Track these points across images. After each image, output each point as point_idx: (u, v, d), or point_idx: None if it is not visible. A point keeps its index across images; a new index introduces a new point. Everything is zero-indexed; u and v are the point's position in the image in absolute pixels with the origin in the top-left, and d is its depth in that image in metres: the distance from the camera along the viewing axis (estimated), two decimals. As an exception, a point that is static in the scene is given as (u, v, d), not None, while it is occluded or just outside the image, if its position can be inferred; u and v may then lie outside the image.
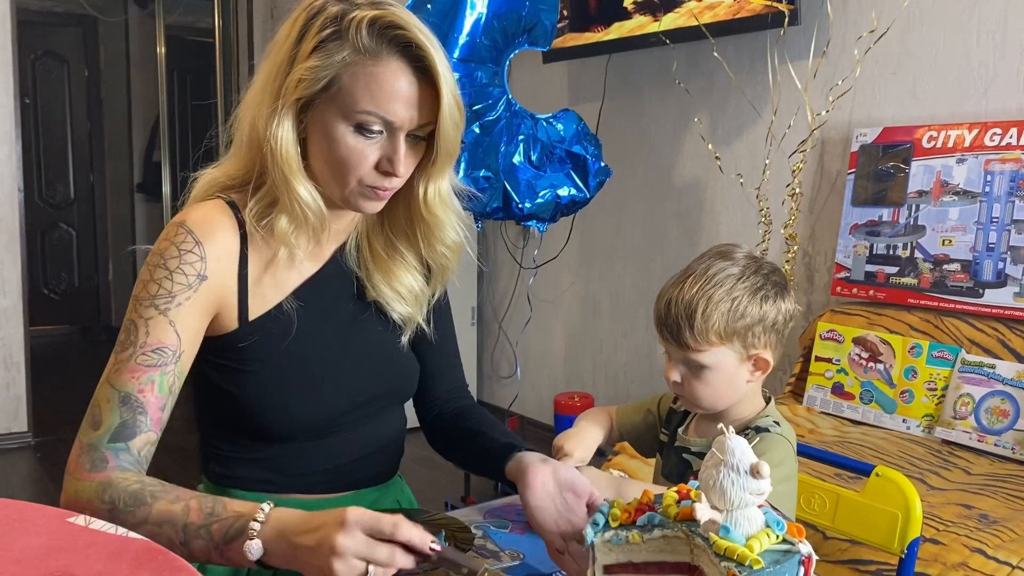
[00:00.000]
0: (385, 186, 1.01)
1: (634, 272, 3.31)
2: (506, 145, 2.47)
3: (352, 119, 0.97)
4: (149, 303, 0.98)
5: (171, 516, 0.90)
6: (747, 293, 1.09)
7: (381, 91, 0.96)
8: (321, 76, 0.96)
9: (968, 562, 1.44)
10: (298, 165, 1.00)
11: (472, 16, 2.40)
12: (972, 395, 2.00)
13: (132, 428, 0.96)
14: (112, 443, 0.95)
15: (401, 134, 0.98)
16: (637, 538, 0.83)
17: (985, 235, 2.12)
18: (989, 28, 2.23)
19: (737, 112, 2.84)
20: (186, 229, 1.01)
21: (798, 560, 0.80)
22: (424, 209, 1.07)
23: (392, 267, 1.12)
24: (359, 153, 0.98)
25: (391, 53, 0.96)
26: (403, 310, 1.14)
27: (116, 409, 0.96)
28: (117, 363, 0.98)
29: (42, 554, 0.80)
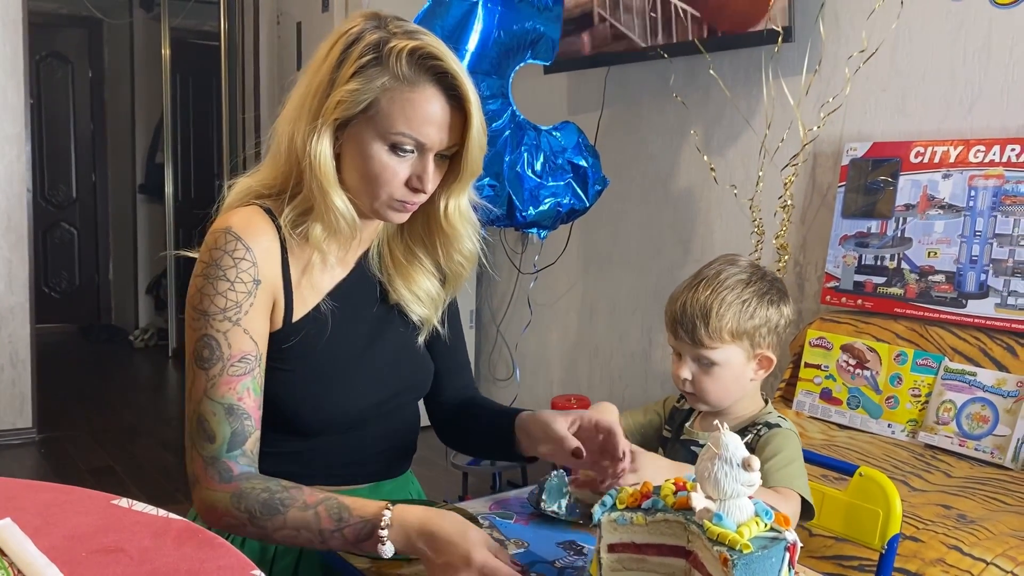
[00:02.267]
0: (413, 200, 1.09)
1: (630, 278, 3.38)
2: (510, 155, 2.55)
3: (388, 139, 1.05)
4: (222, 317, 1.05)
5: (306, 522, 1.00)
6: (755, 296, 1.20)
7: (416, 115, 1.04)
8: (361, 99, 1.04)
9: (945, 558, 1.51)
10: (335, 178, 1.07)
11: (479, 30, 2.48)
12: (954, 402, 2.08)
13: (242, 434, 1.05)
14: (230, 452, 1.05)
15: (431, 154, 1.07)
16: (641, 520, 0.92)
17: (968, 248, 2.21)
18: (975, 48, 2.32)
19: (732, 125, 2.92)
20: (233, 235, 1.07)
21: (784, 546, 0.87)
22: (444, 222, 1.15)
23: (411, 272, 1.20)
24: (392, 170, 1.06)
25: (427, 81, 1.04)
26: (421, 311, 1.22)
27: (224, 421, 1.04)
28: (210, 378, 1.05)
29: (92, 532, 0.87)
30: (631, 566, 0.93)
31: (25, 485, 0.97)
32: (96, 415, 4.23)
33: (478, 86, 2.54)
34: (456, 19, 2.46)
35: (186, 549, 0.84)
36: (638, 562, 0.92)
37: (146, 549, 0.83)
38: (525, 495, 1.33)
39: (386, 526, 0.97)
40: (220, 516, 1.02)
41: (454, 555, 0.94)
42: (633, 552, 0.92)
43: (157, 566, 0.80)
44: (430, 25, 2.48)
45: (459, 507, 1.23)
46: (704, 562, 0.88)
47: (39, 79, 5.85)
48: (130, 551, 0.83)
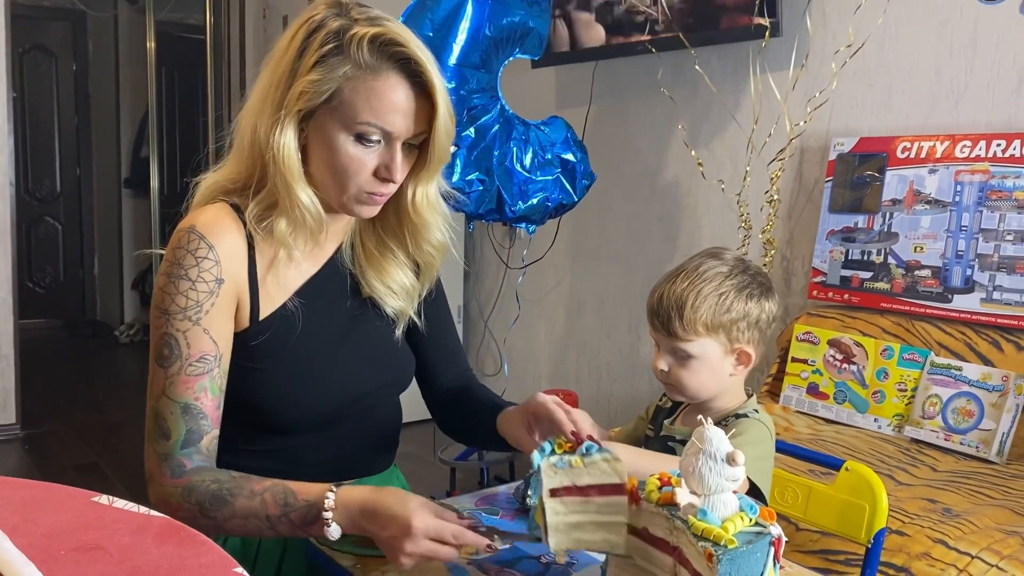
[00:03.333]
0: (382, 191, 1.08)
1: (618, 273, 3.38)
2: (499, 149, 2.54)
3: (353, 129, 1.03)
4: (182, 316, 1.05)
5: (253, 511, 1.02)
6: (734, 290, 1.18)
7: (381, 104, 1.02)
8: (323, 89, 1.02)
9: (931, 552, 1.52)
10: (299, 171, 1.05)
11: (468, 24, 2.47)
12: (940, 396, 2.08)
13: (198, 432, 1.06)
14: (184, 449, 1.06)
15: (398, 143, 1.05)
16: (579, 462, 0.93)
17: (954, 243, 2.21)
18: (961, 44, 2.33)
19: (719, 120, 2.92)
20: (197, 234, 1.06)
21: (768, 541, 0.87)
22: (412, 211, 1.13)
23: (384, 264, 1.19)
24: (359, 161, 1.04)
25: (390, 68, 1.02)
26: (396, 304, 1.20)
27: (180, 419, 1.05)
28: (168, 377, 1.05)
29: (71, 529, 0.86)
30: (575, 508, 0.93)
31: (2, 482, 0.96)
32: (81, 411, 4.21)
33: (468, 79, 2.55)
34: (445, 13, 2.45)
35: (167, 547, 0.83)
36: (582, 504, 0.93)
37: (126, 547, 0.82)
38: (512, 491, 1.33)
39: (330, 508, 0.98)
40: (173, 510, 1.02)
41: (397, 527, 0.95)
42: (576, 495, 0.93)
43: (137, 564, 0.79)
44: (420, 19, 2.47)
45: (445, 503, 1.23)
46: (689, 558, 0.88)
47: (22, 72, 5.80)
48: (110, 549, 0.82)
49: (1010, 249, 2.10)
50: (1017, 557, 1.48)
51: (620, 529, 0.92)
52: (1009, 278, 2.10)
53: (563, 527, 0.93)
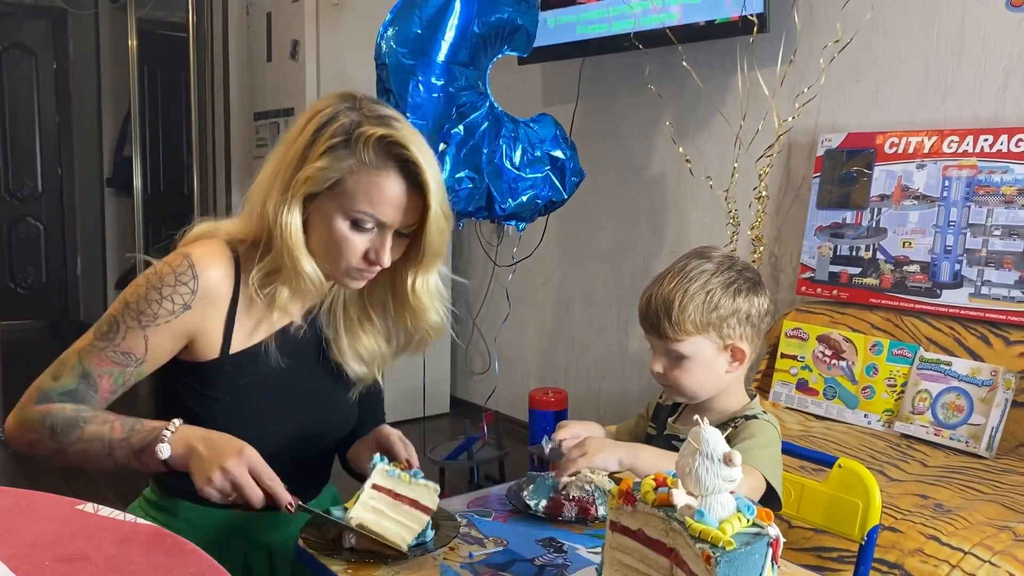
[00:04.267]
0: (369, 272, 1.17)
1: (606, 270, 3.38)
2: (489, 147, 2.53)
3: (350, 215, 1.12)
4: (135, 315, 1.14)
5: (100, 435, 1.09)
6: (720, 287, 1.18)
7: (379, 197, 1.11)
8: (328, 177, 1.11)
9: (923, 548, 1.52)
10: (303, 245, 1.14)
11: (456, 21, 2.45)
12: (929, 391, 2.09)
13: (82, 396, 1.14)
14: (61, 397, 1.14)
15: (389, 232, 1.14)
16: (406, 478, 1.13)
17: (943, 238, 2.22)
18: (948, 40, 2.33)
19: (707, 116, 2.92)
20: (189, 261, 1.15)
21: (766, 542, 0.86)
22: (412, 296, 1.22)
23: (360, 331, 1.27)
24: (352, 243, 1.14)
25: (392, 167, 1.11)
26: (359, 369, 1.28)
27: (76, 377, 1.14)
28: (92, 346, 1.15)
29: (55, 539, 0.84)
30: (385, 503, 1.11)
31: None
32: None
33: (456, 76, 2.53)
34: (434, 9, 2.43)
35: (154, 556, 0.81)
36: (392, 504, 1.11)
37: (112, 556, 0.81)
38: (504, 493, 1.32)
39: (171, 431, 1.07)
40: (24, 432, 1.12)
41: (227, 447, 1.05)
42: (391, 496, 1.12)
43: (124, 574, 0.77)
44: (408, 15, 2.44)
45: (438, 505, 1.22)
46: (686, 560, 0.87)
47: (2, 71, 5.73)
48: (95, 559, 0.80)
49: (998, 244, 2.11)
50: (1009, 552, 1.48)
51: (411, 533, 1.08)
52: (997, 273, 2.10)
53: (368, 507, 1.09)
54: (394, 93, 2.44)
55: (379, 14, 2.58)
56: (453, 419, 3.97)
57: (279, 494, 1.07)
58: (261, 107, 3.94)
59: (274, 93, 3.82)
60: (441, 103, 2.46)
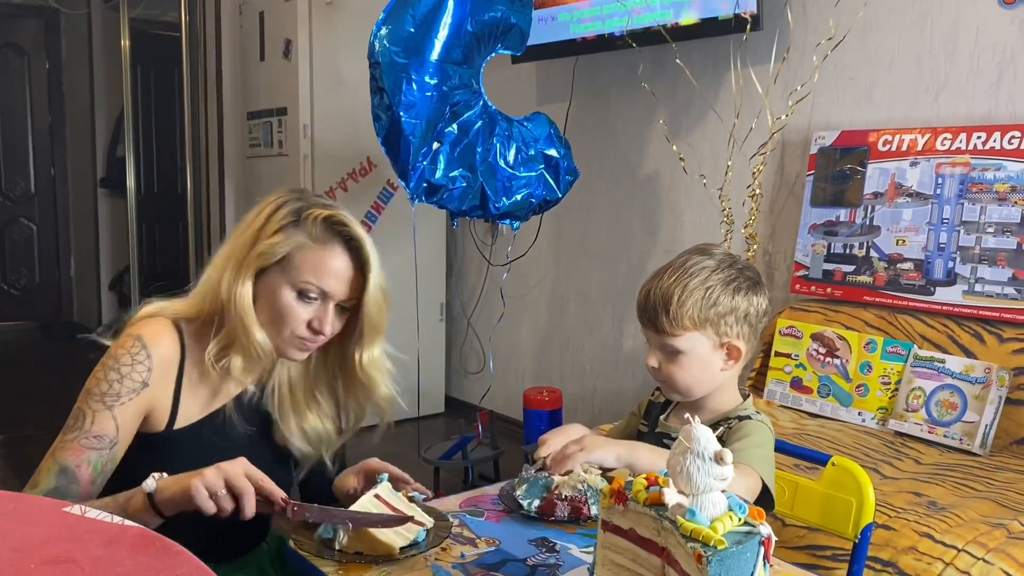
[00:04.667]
0: (312, 341, 1.24)
1: (600, 269, 3.37)
2: (483, 145, 2.52)
3: (296, 286, 1.22)
4: (99, 398, 1.18)
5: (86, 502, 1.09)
6: (720, 284, 1.18)
7: (323, 269, 1.22)
8: (278, 251, 1.22)
9: (917, 546, 1.52)
10: (254, 316, 1.23)
11: (450, 19, 2.44)
12: (923, 389, 2.09)
13: (64, 491, 1.14)
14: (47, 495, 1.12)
15: (331, 303, 1.23)
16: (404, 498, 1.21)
17: (936, 235, 2.22)
18: (940, 37, 2.33)
19: (700, 114, 2.91)
20: (141, 343, 1.22)
21: (758, 540, 0.86)
22: (361, 372, 1.30)
23: (307, 412, 1.34)
24: (297, 313, 1.23)
25: (336, 243, 1.23)
26: (304, 448, 1.33)
27: (54, 477, 1.15)
28: (63, 442, 1.17)
29: (42, 542, 0.83)
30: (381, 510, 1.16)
31: (-30, 493, 0.93)
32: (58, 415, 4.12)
33: (450, 75, 2.52)
34: (427, 8, 2.43)
35: (142, 558, 0.80)
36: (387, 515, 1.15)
37: (99, 559, 0.80)
38: (496, 493, 1.31)
39: (157, 477, 1.10)
40: None
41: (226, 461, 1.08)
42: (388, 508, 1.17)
43: (110, 576, 0.76)
44: (401, 14, 2.44)
45: (428, 506, 1.21)
46: (678, 559, 0.87)
47: (-6, 71, 5.70)
48: (82, 562, 0.79)
49: (991, 241, 2.11)
50: (1003, 550, 1.48)
51: (402, 540, 1.10)
52: (990, 270, 2.10)
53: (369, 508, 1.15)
54: (387, 92, 2.43)
55: (372, 13, 2.57)
56: (448, 419, 3.96)
57: (272, 491, 1.09)
58: (254, 107, 3.93)
59: (267, 93, 3.80)
60: (435, 102, 2.45)
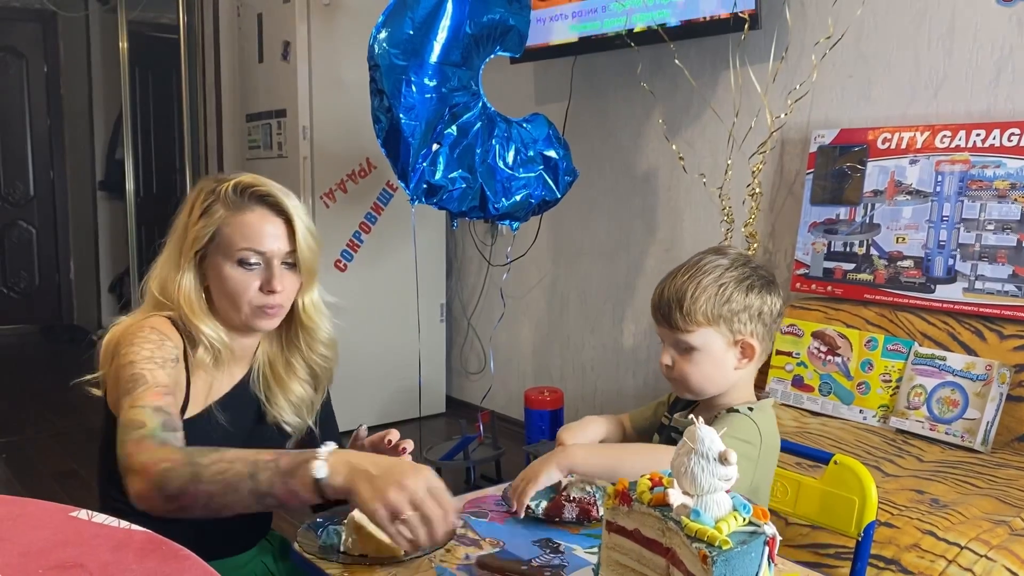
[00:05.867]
0: (271, 303, 1.27)
1: (601, 269, 3.37)
2: (482, 147, 2.52)
3: (234, 257, 1.25)
4: (147, 361, 1.17)
5: (242, 456, 1.03)
6: (733, 281, 1.19)
7: (251, 231, 1.25)
8: (207, 232, 1.26)
9: (920, 544, 1.52)
10: (201, 308, 1.27)
11: (449, 21, 2.45)
12: (924, 386, 2.09)
13: (172, 425, 1.10)
14: (164, 432, 1.08)
15: (275, 261, 1.26)
16: None
17: (936, 233, 2.22)
18: (938, 35, 2.33)
19: (700, 114, 2.92)
20: (158, 331, 1.23)
21: (763, 540, 0.86)
22: (304, 316, 1.34)
23: (288, 381, 1.37)
24: (244, 282, 1.26)
25: (254, 204, 1.27)
26: (293, 420, 1.38)
27: (152, 415, 1.09)
28: (136, 396, 1.11)
29: (49, 547, 0.83)
30: None
31: (-23, 499, 0.93)
32: (59, 417, 4.14)
33: (449, 76, 2.52)
34: (426, 11, 2.43)
35: (149, 563, 0.80)
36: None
37: (106, 564, 0.80)
38: (500, 493, 1.31)
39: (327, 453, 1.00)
40: (156, 463, 1.01)
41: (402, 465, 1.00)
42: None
43: (118, 581, 0.77)
44: (400, 17, 2.44)
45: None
46: (683, 559, 0.87)
47: (-8, 74, 5.70)
48: (89, 567, 0.79)
49: (991, 238, 2.11)
50: (1005, 547, 1.48)
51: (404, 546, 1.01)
52: (991, 267, 2.10)
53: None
54: (387, 94, 2.43)
55: (370, 14, 2.57)
56: (449, 419, 3.96)
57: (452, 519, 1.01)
58: (253, 108, 3.93)
59: (266, 94, 3.81)
60: (434, 104, 2.46)
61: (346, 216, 3.66)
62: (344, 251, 3.67)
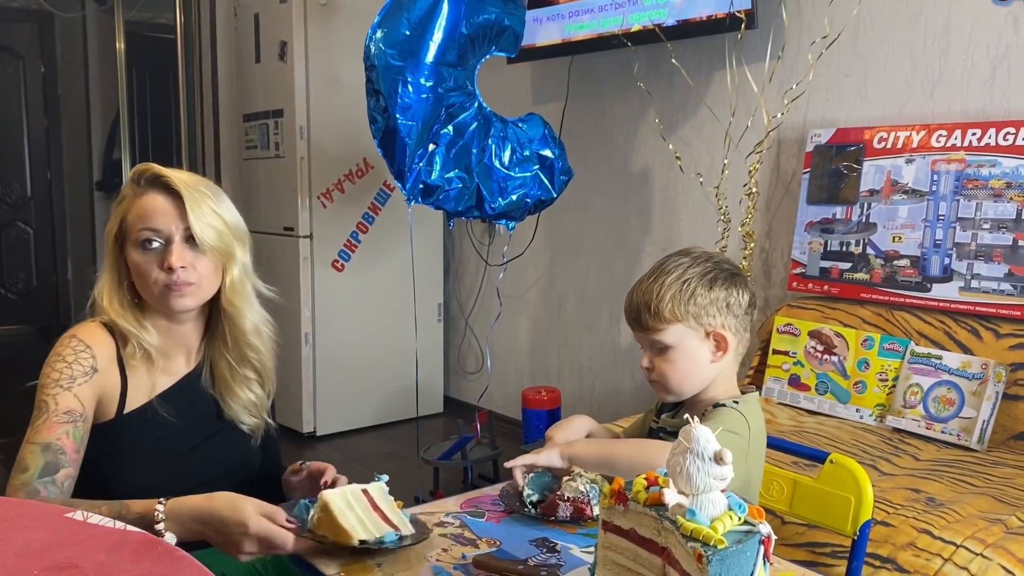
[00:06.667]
0: (173, 281, 1.27)
1: (598, 268, 3.38)
2: (478, 146, 2.52)
3: (136, 240, 1.28)
4: (54, 385, 1.23)
5: (110, 508, 1.11)
6: (696, 277, 1.22)
7: (147, 212, 1.28)
8: (116, 222, 1.31)
9: (916, 542, 1.52)
10: (121, 303, 1.31)
11: (444, 22, 2.45)
12: (921, 385, 2.09)
13: (55, 465, 1.18)
14: (40, 479, 1.17)
15: (175, 240, 1.28)
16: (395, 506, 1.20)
17: (932, 232, 2.22)
18: (934, 34, 2.33)
19: (697, 113, 2.92)
20: (77, 340, 1.28)
21: (758, 540, 0.86)
22: (225, 302, 1.34)
23: (234, 387, 1.39)
24: (146, 263, 1.28)
25: (148, 188, 1.30)
26: (250, 421, 1.41)
27: (40, 455, 1.18)
28: (35, 429, 1.21)
29: (45, 547, 0.83)
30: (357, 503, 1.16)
31: (-27, 500, 0.93)
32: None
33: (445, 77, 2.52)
34: (422, 11, 2.43)
35: (144, 563, 0.81)
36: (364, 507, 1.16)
37: (102, 564, 0.80)
38: (497, 493, 1.31)
39: (160, 520, 1.11)
40: None
41: (232, 531, 1.09)
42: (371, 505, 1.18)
43: (114, 582, 0.77)
44: (396, 17, 2.44)
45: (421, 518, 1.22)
46: (679, 559, 0.87)
47: (-11, 75, 5.69)
48: (85, 567, 0.79)
49: (987, 237, 2.12)
50: (1001, 545, 1.48)
51: (367, 534, 1.10)
52: (986, 266, 2.11)
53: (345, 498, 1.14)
54: (384, 94, 2.44)
55: (367, 14, 2.58)
56: (446, 419, 3.96)
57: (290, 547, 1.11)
58: (250, 108, 3.93)
59: (263, 94, 3.80)
60: (430, 104, 2.46)
61: (343, 216, 3.66)
62: (342, 251, 3.67)
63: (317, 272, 3.60)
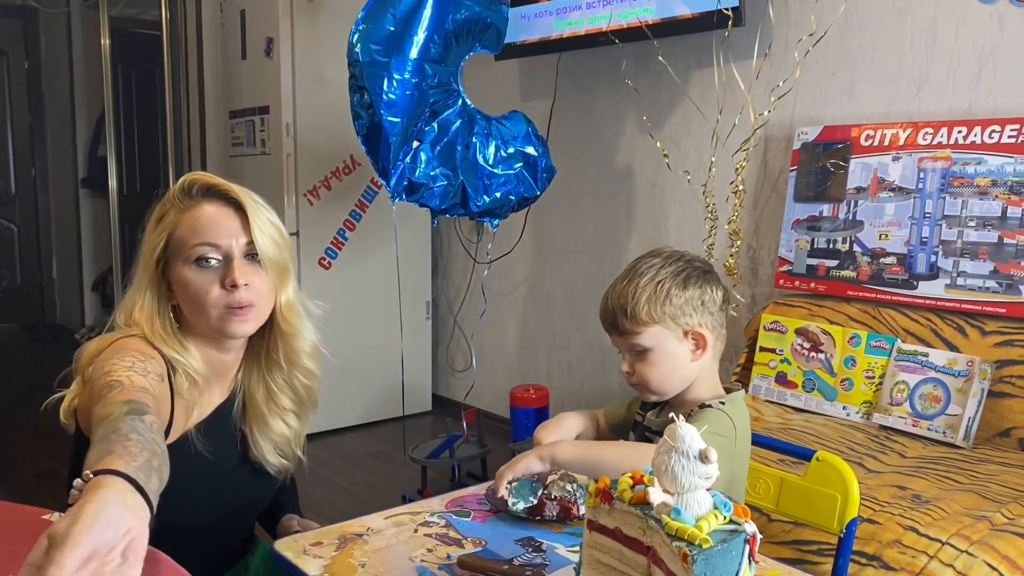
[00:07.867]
0: (236, 301, 1.16)
1: (586, 266, 3.37)
2: (462, 144, 2.51)
3: (190, 257, 1.16)
4: (127, 370, 1.04)
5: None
6: (670, 277, 1.22)
7: (202, 225, 1.17)
8: (161, 239, 1.18)
9: (902, 539, 1.53)
10: (166, 328, 1.17)
11: (428, 18, 2.44)
12: (907, 382, 2.10)
13: (141, 408, 0.97)
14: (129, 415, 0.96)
15: (235, 255, 1.17)
16: None
17: (919, 230, 2.23)
18: (921, 32, 2.34)
19: (684, 111, 2.92)
20: (137, 350, 1.12)
21: (743, 539, 0.86)
22: (282, 321, 1.23)
23: (268, 418, 1.28)
24: (205, 282, 1.16)
25: (201, 199, 1.19)
26: (277, 462, 1.31)
27: (121, 405, 0.96)
28: (107, 400, 0.97)
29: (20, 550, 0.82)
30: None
31: (-52, 502, 0.92)
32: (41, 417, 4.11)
33: (429, 73, 2.51)
34: (407, 7, 2.42)
35: (123, 565, 0.79)
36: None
37: (79, 567, 0.78)
38: (482, 492, 1.31)
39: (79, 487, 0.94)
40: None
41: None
42: None
43: (91, 585, 0.75)
44: (381, 13, 2.43)
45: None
46: (664, 558, 0.87)
47: (-28, 72, 5.64)
48: (61, 570, 0.78)
49: (973, 235, 2.12)
50: (986, 542, 1.49)
51: None
52: (972, 264, 2.11)
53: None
54: (368, 91, 2.42)
55: (353, 11, 2.56)
56: (434, 417, 3.95)
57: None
58: (237, 105, 3.91)
59: (250, 91, 3.78)
60: (414, 100, 2.45)
61: (330, 213, 3.65)
62: (328, 249, 3.66)
63: (304, 270, 3.59)
